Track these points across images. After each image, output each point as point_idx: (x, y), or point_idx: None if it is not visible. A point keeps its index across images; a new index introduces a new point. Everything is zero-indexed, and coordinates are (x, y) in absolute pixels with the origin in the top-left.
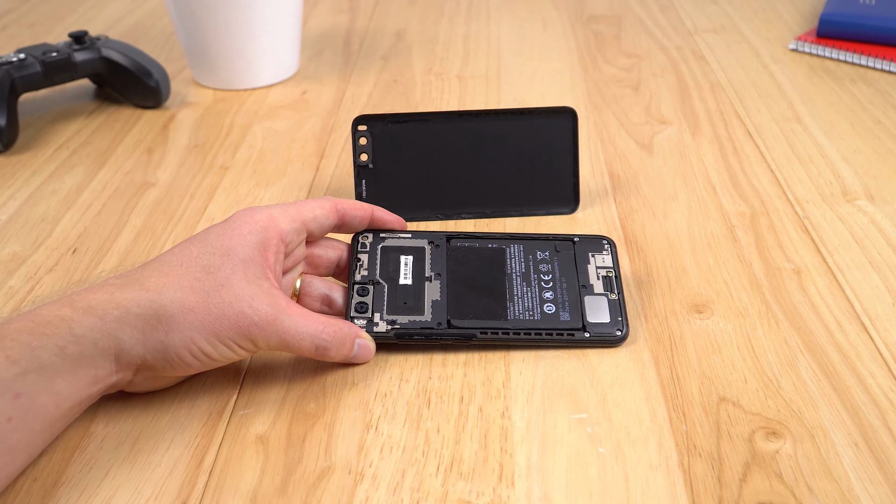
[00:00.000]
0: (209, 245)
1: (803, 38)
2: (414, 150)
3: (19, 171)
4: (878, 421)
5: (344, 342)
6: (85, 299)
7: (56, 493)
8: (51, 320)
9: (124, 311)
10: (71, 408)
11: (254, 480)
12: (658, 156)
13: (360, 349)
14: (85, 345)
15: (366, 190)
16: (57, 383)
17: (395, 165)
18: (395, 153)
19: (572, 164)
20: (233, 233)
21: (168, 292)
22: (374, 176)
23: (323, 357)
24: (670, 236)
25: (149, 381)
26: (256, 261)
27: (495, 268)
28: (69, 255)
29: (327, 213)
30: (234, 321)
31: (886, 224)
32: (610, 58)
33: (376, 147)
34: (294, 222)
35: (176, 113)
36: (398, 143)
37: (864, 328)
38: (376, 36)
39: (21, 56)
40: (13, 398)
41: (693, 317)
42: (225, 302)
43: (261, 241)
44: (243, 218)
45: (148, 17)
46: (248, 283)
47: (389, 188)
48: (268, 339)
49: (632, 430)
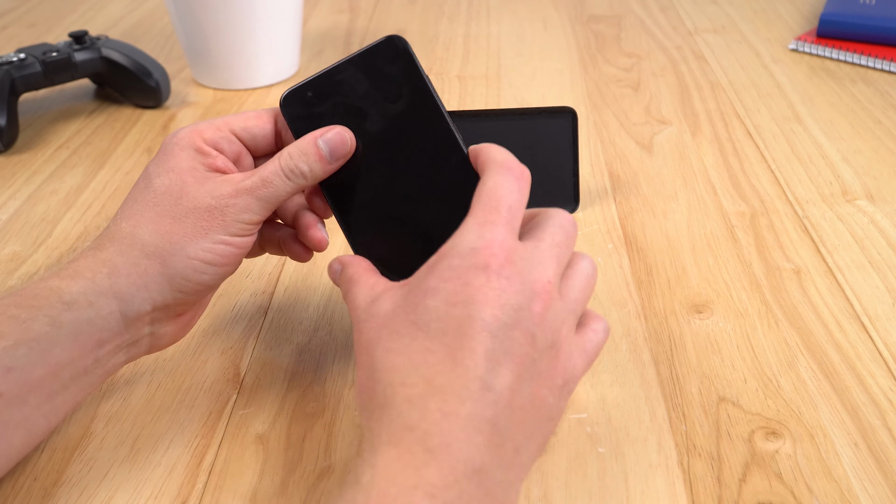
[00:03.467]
0: (151, 174)
1: (803, 38)
2: None
3: (19, 171)
4: (878, 421)
5: (306, 151)
6: (70, 268)
7: (56, 493)
8: (39, 293)
9: (111, 266)
10: (74, 377)
11: (254, 480)
12: (658, 156)
13: (330, 143)
14: (79, 309)
15: None
16: (53, 354)
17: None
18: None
19: (572, 164)
20: (166, 154)
21: (141, 228)
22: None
23: (306, 180)
24: (670, 236)
25: (170, 327)
26: (198, 167)
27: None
28: (69, 255)
29: (262, 124)
30: (209, 218)
31: (886, 224)
32: (610, 58)
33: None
34: (220, 131)
35: (176, 113)
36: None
37: (864, 328)
38: (376, 36)
39: (21, 56)
40: (4, 372)
41: (693, 317)
42: (191, 208)
43: (194, 149)
44: (169, 139)
45: (148, 17)
46: (200, 183)
47: None
48: (248, 208)
49: (631, 429)
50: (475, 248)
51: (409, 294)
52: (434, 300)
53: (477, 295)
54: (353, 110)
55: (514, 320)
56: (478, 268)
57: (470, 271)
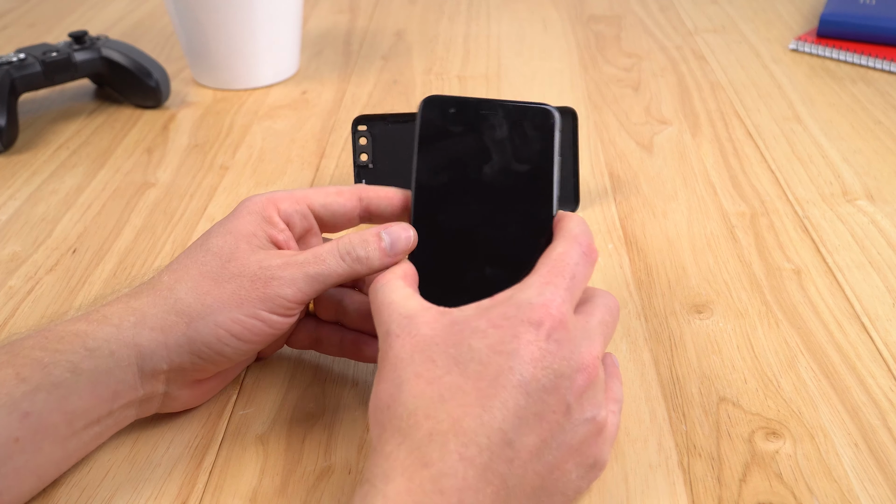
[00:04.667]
0: (211, 232)
1: (803, 38)
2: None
3: (19, 171)
4: (878, 421)
5: (367, 238)
6: (101, 312)
7: (56, 493)
8: (64, 336)
9: (141, 315)
10: (87, 426)
11: (254, 480)
12: (658, 156)
13: (393, 236)
14: (100, 358)
15: None
16: (71, 401)
17: (395, 165)
18: (395, 153)
19: (572, 163)
20: (234, 215)
21: (180, 285)
22: (374, 176)
23: (361, 266)
24: (670, 236)
25: (186, 391)
26: (259, 235)
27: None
28: (69, 255)
29: (343, 202)
30: (250, 288)
31: (886, 224)
32: (610, 58)
33: (376, 147)
34: (297, 204)
35: (176, 113)
36: (398, 143)
37: (864, 328)
38: (376, 36)
39: (21, 56)
40: (21, 417)
41: (693, 317)
42: (236, 273)
43: (262, 218)
44: (244, 203)
45: (148, 17)
46: (253, 252)
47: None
48: (293, 283)
49: (631, 429)
50: (532, 304)
51: (453, 327)
52: (479, 342)
53: (523, 350)
54: (477, 146)
55: (553, 385)
56: (531, 323)
57: (523, 325)
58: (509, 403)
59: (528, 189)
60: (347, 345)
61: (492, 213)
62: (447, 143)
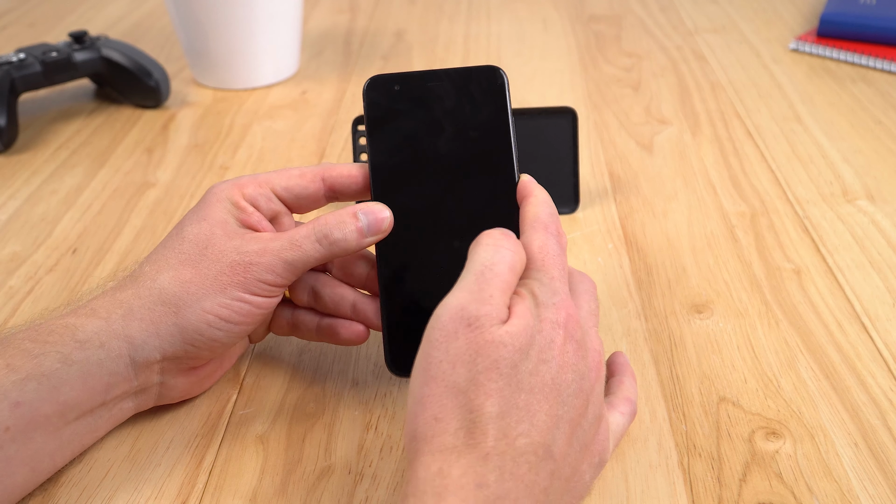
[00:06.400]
0: (184, 221)
1: (804, 38)
2: None
3: (19, 171)
4: (878, 421)
5: (344, 220)
6: (89, 306)
7: (56, 493)
8: (54, 329)
9: (127, 307)
10: (80, 417)
11: (254, 480)
12: (658, 156)
13: (370, 217)
14: (91, 349)
15: None
16: (62, 392)
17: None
18: None
19: (572, 163)
20: (203, 203)
21: (162, 275)
22: None
23: (338, 249)
24: (670, 236)
25: (182, 379)
26: (231, 221)
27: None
28: (69, 255)
29: (306, 184)
30: (231, 273)
31: (886, 224)
32: (610, 58)
33: None
34: (260, 188)
35: (176, 113)
36: None
37: (864, 328)
38: (376, 36)
39: (21, 56)
40: (12, 407)
41: (693, 317)
42: (214, 260)
43: (231, 203)
44: (210, 190)
45: (148, 17)
46: (229, 238)
47: None
48: (272, 268)
49: (631, 429)
50: (555, 304)
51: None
52: (530, 349)
53: (559, 357)
54: (430, 119)
55: (578, 388)
56: (558, 325)
57: (555, 328)
58: (552, 413)
59: (487, 155)
60: (324, 329)
61: (452, 184)
62: (398, 122)
